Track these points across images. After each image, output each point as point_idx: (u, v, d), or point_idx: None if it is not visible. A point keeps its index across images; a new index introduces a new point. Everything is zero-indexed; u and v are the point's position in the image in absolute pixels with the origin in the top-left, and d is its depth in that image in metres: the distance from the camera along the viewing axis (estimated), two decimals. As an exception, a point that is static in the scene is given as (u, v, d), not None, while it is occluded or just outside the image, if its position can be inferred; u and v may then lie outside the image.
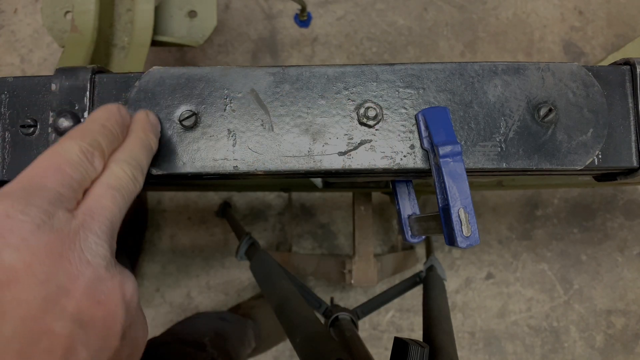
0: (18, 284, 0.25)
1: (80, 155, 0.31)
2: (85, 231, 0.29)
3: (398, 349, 0.47)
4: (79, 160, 0.31)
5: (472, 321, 1.25)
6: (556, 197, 1.28)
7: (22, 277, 0.25)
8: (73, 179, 0.30)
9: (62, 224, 0.28)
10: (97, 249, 0.29)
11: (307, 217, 1.28)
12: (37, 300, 0.25)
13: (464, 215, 0.35)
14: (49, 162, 0.30)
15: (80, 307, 0.27)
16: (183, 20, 0.82)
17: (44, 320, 0.25)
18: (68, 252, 0.27)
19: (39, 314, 0.25)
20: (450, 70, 0.41)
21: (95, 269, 0.28)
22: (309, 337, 0.56)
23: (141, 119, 0.38)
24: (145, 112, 0.39)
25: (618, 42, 1.29)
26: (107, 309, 0.28)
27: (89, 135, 0.33)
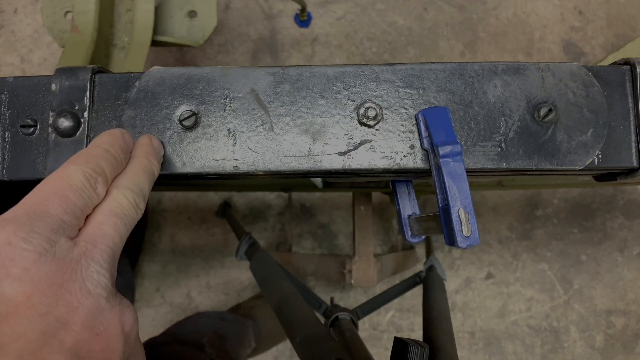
0: (17, 316, 0.25)
1: (83, 181, 0.31)
2: (87, 260, 0.28)
3: (398, 349, 0.47)
4: (82, 186, 0.31)
5: (472, 321, 1.25)
6: (556, 197, 1.28)
7: (21, 310, 0.25)
8: (76, 206, 0.30)
9: (64, 253, 0.28)
10: (98, 279, 0.28)
11: (307, 217, 1.28)
12: (36, 333, 0.25)
13: (464, 215, 0.35)
14: (52, 187, 0.30)
15: (78, 340, 0.26)
16: (183, 20, 0.82)
17: (42, 355, 0.25)
18: (69, 282, 0.27)
19: (37, 347, 0.25)
20: (450, 70, 0.41)
21: (95, 299, 0.28)
22: (309, 337, 0.56)
23: (144, 144, 0.37)
24: (149, 136, 0.38)
25: (618, 42, 1.29)
26: (106, 341, 0.28)
27: (93, 160, 0.32)
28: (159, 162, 0.38)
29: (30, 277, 0.26)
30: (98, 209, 0.31)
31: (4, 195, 0.62)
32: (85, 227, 0.30)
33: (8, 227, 0.27)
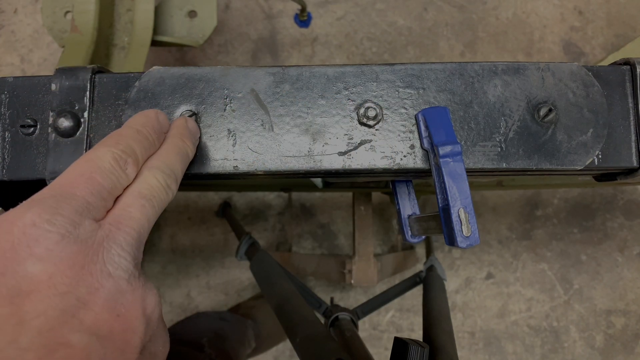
0: (38, 294, 0.25)
1: (112, 162, 0.31)
2: (110, 242, 0.28)
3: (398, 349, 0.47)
4: (111, 168, 0.31)
5: (472, 321, 1.25)
6: (556, 197, 1.28)
7: (43, 288, 0.26)
8: (103, 188, 0.30)
9: (87, 235, 0.28)
10: (119, 261, 0.28)
11: (307, 217, 1.28)
12: (56, 311, 0.25)
13: (464, 215, 0.35)
14: (80, 170, 0.30)
15: (98, 320, 0.27)
16: (183, 20, 0.82)
17: (61, 332, 0.25)
18: (90, 264, 0.27)
19: (57, 325, 0.25)
20: (450, 70, 0.41)
21: (116, 281, 0.28)
22: (309, 337, 0.56)
23: (179, 125, 0.37)
24: (185, 118, 0.38)
25: (618, 42, 1.29)
26: (126, 322, 0.28)
27: (123, 141, 0.32)
28: (194, 144, 0.38)
29: (53, 257, 0.26)
30: (127, 191, 0.31)
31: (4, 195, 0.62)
32: (112, 209, 0.30)
33: (34, 209, 0.27)
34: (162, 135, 0.36)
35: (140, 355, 0.29)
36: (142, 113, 0.36)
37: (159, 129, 0.36)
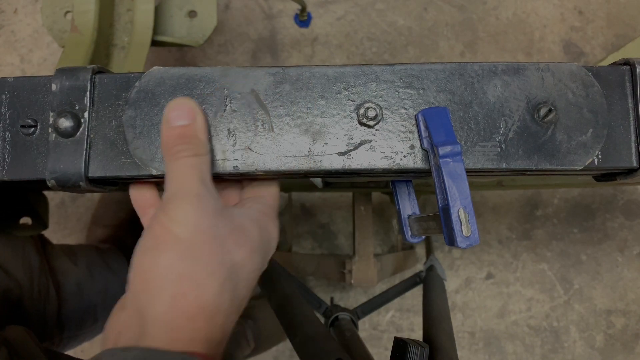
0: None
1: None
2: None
3: (398, 349, 0.47)
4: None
5: (472, 321, 1.25)
6: (556, 197, 1.28)
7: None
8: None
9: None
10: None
11: (307, 217, 1.28)
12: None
13: (464, 215, 0.35)
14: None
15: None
16: (183, 20, 0.82)
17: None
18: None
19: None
20: (450, 71, 0.41)
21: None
22: (309, 337, 0.56)
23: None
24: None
25: (618, 42, 1.29)
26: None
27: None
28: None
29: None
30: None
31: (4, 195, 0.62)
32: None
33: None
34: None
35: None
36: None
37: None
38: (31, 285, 0.71)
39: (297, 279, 0.83)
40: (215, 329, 0.34)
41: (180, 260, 0.34)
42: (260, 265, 0.39)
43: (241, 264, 0.37)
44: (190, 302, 0.33)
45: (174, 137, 0.38)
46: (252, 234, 0.38)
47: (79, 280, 0.81)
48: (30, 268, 0.71)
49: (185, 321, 0.33)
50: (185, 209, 0.35)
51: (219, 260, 0.35)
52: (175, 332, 0.33)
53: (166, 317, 0.33)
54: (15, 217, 0.67)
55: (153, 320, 0.33)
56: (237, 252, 0.36)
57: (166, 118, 0.39)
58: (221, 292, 0.35)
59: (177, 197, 0.36)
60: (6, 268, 0.67)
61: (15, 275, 0.68)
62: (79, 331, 0.80)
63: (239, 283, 0.37)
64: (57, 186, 0.40)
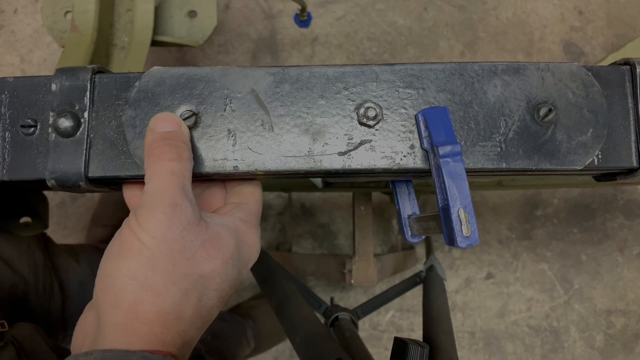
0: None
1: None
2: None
3: (398, 349, 0.47)
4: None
5: (472, 321, 1.25)
6: (556, 197, 1.28)
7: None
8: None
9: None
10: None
11: (307, 217, 1.28)
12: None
13: (464, 215, 0.35)
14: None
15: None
16: (183, 20, 0.82)
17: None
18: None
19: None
20: (450, 71, 0.41)
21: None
22: (309, 337, 0.56)
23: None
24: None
25: (618, 42, 1.29)
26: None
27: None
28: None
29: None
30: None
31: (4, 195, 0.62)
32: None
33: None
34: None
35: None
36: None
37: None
38: (36, 281, 0.71)
39: (297, 279, 0.83)
40: (175, 335, 0.34)
41: (142, 268, 0.34)
42: (234, 276, 0.39)
43: (210, 276, 0.36)
44: (148, 309, 0.33)
45: (158, 139, 0.37)
46: (227, 244, 0.38)
47: (82, 279, 0.81)
48: (35, 265, 0.71)
49: (141, 325, 0.33)
50: (157, 218, 0.34)
51: (183, 271, 0.35)
52: (132, 334, 0.33)
53: (122, 322, 0.33)
54: (15, 217, 0.67)
55: (111, 324, 0.34)
56: (206, 264, 0.36)
57: (150, 127, 0.39)
58: (183, 302, 0.35)
59: (151, 203, 0.35)
60: (12, 264, 0.67)
61: (20, 272, 0.68)
62: None
63: (207, 293, 0.36)
64: (57, 186, 0.40)
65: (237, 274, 0.39)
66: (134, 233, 0.35)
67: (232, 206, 0.42)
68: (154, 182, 0.36)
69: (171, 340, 0.34)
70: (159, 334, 0.34)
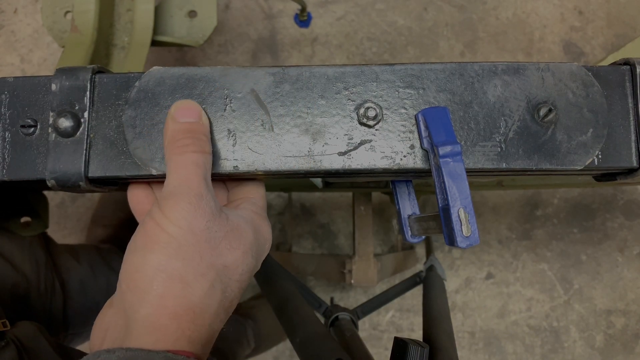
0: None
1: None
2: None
3: (398, 349, 0.47)
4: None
5: (472, 321, 1.25)
6: (556, 197, 1.28)
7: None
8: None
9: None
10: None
11: (307, 217, 1.28)
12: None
13: (464, 215, 0.35)
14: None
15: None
16: (183, 20, 0.82)
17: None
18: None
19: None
20: (450, 71, 0.41)
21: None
22: (309, 337, 0.56)
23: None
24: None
25: (618, 42, 1.29)
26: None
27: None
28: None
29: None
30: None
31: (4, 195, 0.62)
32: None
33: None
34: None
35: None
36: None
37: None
38: (38, 280, 0.71)
39: (297, 279, 0.83)
40: (202, 329, 0.34)
41: (170, 260, 0.34)
42: (253, 267, 0.39)
43: (233, 266, 0.37)
44: (177, 302, 0.33)
45: (180, 131, 0.37)
46: (246, 235, 0.38)
47: (83, 278, 0.81)
48: (36, 263, 0.72)
49: (170, 320, 0.33)
50: (183, 208, 0.34)
51: (210, 262, 0.35)
52: (160, 331, 0.33)
53: (151, 317, 0.33)
54: (16, 217, 0.67)
55: (138, 320, 0.33)
56: (229, 255, 0.36)
57: (172, 115, 0.38)
58: (210, 294, 0.35)
59: (176, 194, 0.35)
60: (14, 263, 0.67)
61: (22, 270, 0.69)
62: (82, 328, 0.80)
63: (230, 285, 0.37)
64: (57, 186, 0.40)
65: (255, 264, 0.40)
66: (159, 225, 0.34)
67: (240, 201, 0.43)
68: (179, 174, 0.36)
69: (197, 336, 0.34)
70: (185, 330, 0.33)
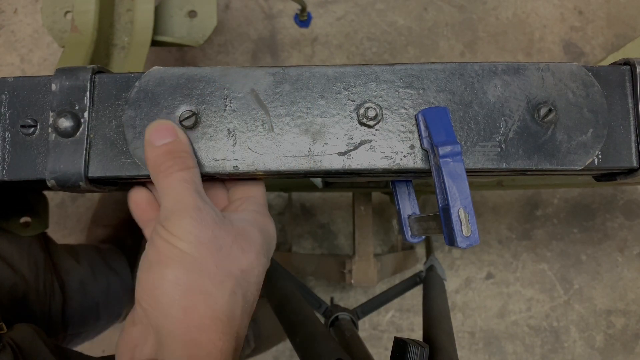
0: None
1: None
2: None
3: (398, 349, 0.47)
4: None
5: (472, 321, 1.25)
6: (556, 197, 1.28)
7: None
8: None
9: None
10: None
11: (307, 217, 1.28)
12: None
13: (464, 215, 0.35)
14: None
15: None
16: (183, 20, 0.82)
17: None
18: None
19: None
20: (450, 71, 0.41)
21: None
22: (309, 337, 0.56)
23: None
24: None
25: (618, 42, 1.29)
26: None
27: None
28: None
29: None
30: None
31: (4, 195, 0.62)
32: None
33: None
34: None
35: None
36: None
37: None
38: (36, 281, 0.71)
39: (297, 279, 0.83)
40: (230, 337, 0.34)
41: (187, 273, 0.34)
42: (266, 265, 0.40)
43: (249, 269, 0.37)
44: (202, 313, 0.33)
45: (161, 154, 0.37)
46: (254, 237, 0.39)
47: (82, 279, 0.81)
48: (35, 264, 0.71)
49: (199, 333, 0.33)
50: (187, 223, 0.35)
51: (226, 269, 0.35)
52: (191, 346, 0.33)
53: (180, 331, 0.33)
54: (15, 217, 0.67)
55: (167, 336, 0.33)
56: (243, 258, 0.37)
57: (148, 141, 0.38)
58: (233, 300, 0.35)
59: (175, 213, 0.35)
60: (12, 264, 0.67)
61: (21, 271, 0.69)
62: (82, 329, 0.80)
63: (250, 288, 0.37)
64: (57, 186, 0.40)
65: (267, 263, 0.40)
66: (168, 242, 0.35)
67: (240, 202, 0.43)
68: (171, 194, 0.36)
69: (228, 347, 0.34)
70: (216, 341, 0.33)
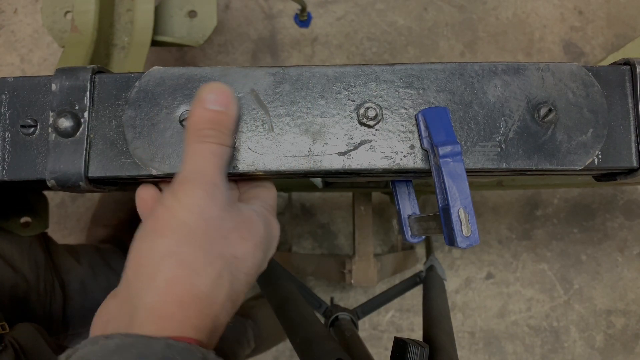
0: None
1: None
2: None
3: (398, 349, 0.47)
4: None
5: (472, 321, 1.25)
6: (556, 197, 1.28)
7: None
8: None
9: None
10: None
11: (307, 217, 1.28)
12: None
13: (464, 215, 0.35)
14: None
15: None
16: (183, 20, 0.82)
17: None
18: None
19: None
20: (450, 71, 0.41)
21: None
22: (309, 337, 0.56)
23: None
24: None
25: (618, 42, 1.29)
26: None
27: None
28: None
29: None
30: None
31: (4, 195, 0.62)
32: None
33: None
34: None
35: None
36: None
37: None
38: (37, 281, 0.71)
39: (297, 279, 0.83)
40: (207, 319, 0.34)
41: (180, 245, 0.33)
42: (261, 262, 0.39)
43: (243, 258, 0.36)
44: (184, 290, 0.33)
45: (205, 119, 0.36)
46: (258, 228, 0.38)
47: (83, 279, 0.81)
48: (36, 264, 0.72)
49: (176, 308, 0.32)
50: (197, 194, 0.34)
51: (219, 251, 0.34)
52: (164, 319, 0.32)
53: (157, 305, 0.32)
54: (16, 217, 0.67)
55: (143, 308, 0.32)
56: (240, 246, 0.36)
57: (201, 98, 0.37)
58: (218, 283, 0.34)
59: (191, 180, 0.35)
60: (13, 264, 0.67)
61: (22, 271, 0.69)
62: (82, 329, 0.80)
63: (239, 277, 0.36)
64: (57, 186, 0.40)
65: (263, 260, 0.39)
66: (170, 211, 0.34)
67: (252, 199, 0.42)
68: (195, 161, 0.36)
69: (204, 326, 0.33)
70: (192, 319, 0.33)
